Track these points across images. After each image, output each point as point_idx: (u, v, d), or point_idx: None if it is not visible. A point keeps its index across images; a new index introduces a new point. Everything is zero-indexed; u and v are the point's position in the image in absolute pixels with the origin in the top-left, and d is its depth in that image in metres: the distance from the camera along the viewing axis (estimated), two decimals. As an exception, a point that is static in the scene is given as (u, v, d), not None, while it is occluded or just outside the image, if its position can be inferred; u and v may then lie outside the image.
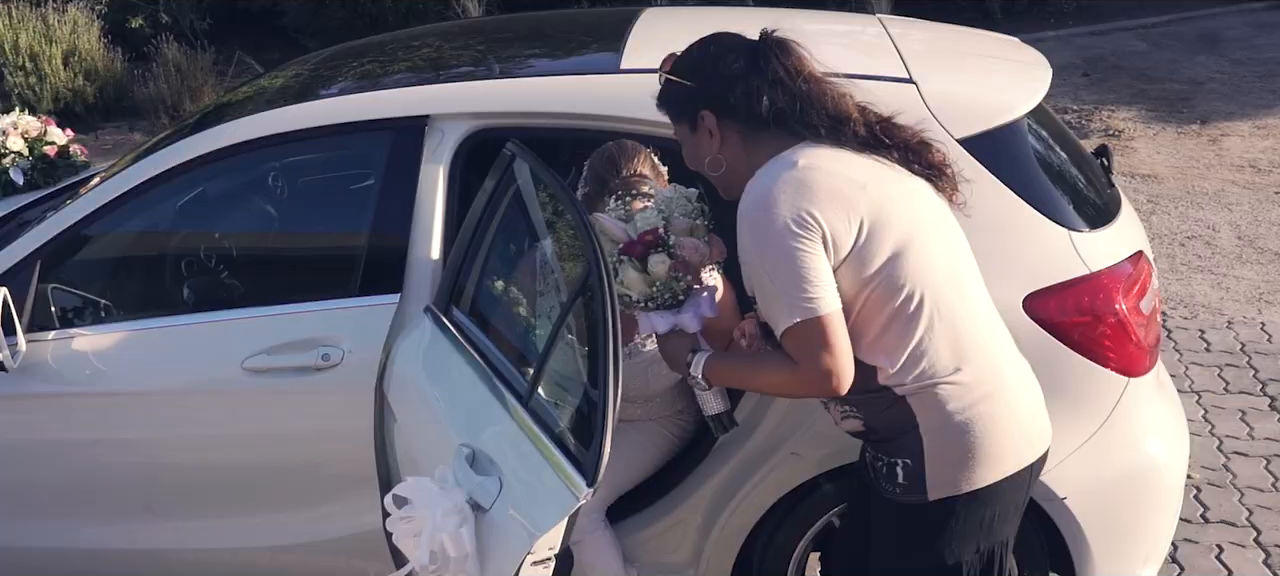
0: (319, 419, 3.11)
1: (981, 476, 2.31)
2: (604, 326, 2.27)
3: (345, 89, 3.45)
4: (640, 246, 2.46)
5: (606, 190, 2.91)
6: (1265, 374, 4.85)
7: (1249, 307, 5.45)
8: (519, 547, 2.26)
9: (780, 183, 2.23)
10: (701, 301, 2.50)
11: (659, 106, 2.53)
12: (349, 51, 3.98)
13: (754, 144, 2.35)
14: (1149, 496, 3.04)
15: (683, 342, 2.49)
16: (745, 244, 2.25)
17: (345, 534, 3.20)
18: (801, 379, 2.22)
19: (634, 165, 2.93)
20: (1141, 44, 10.10)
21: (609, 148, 3.01)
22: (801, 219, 2.18)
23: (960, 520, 2.35)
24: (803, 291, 2.17)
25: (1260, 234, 6.27)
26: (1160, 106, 8.48)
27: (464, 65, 3.66)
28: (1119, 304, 2.91)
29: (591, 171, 2.99)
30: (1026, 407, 2.38)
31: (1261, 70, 9.25)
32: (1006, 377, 2.36)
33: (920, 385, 2.28)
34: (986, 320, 2.38)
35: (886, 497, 2.40)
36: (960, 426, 2.28)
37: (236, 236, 3.45)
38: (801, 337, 2.19)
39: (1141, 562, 3.07)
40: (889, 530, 2.45)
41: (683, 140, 2.49)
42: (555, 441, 2.34)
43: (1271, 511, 3.98)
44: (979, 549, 2.40)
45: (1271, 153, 7.48)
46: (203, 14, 9.87)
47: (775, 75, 2.33)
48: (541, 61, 3.65)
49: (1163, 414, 3.13)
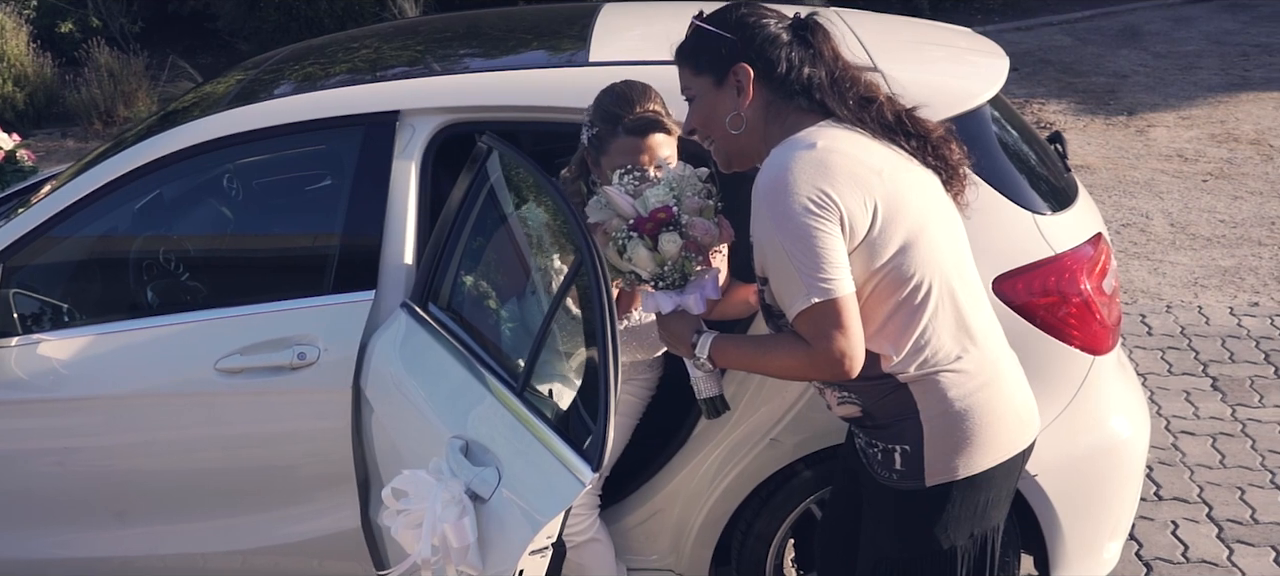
0: (295, 418, 3.07)
1: (978, 462, 2.33)
2: (601, 313, 2.28)
3: (308, 88, 3.41)
4: (652, 224, 2.40)
5: (620, 127, 2.78)
6: (1205, 355, 4.99)
7: (1186, 292, 5.60)
8: (523, 536, 2.26)
9: (800, 161, 2.20)
10: (706, 283, 2.45)
11: (679, 57, 2.44)
12: (303, 52, 3.94)
13: (774, 113, 2.33)
14: (1114, 472, 3.11)
15: (686, 323, 2.45)
16: (763, 221, 2.21)
17: (322, 534, 3.16)
18: (814, 361, 2.20)
19: (646, 102, 2.82)
20: (1067, 38, 10.33)
21: (617, 85, 2.89)
22: (822, 199, 2.16)
23: (957, 505, 2.36)
24: (821, 272, 2.15)
25: (1191, 220, 6.45)
26: (1088, 99, 8.68)
27: (427, 62, 3.64)
28: (1084, 284, 2.98)
29: (599, 110, 2.85)
30: (1020, 395, 2.41)
31: (1181, 62, 9.51)
32: (1002, 366, 2.38)
33: (923, 373, 2.29)
34: (984, 309, 2.40)
35: (882, 483, 2.40)
36: (960, 414, 2.30)
37: (206, 236, 3.39)
38: (817, 319, 2.17)
39: (1109, 536, 3.15)
40: (884, 516, 2.44)
41: (699, 94, 2.40)
42: (553, 429, 2.35)
43: (1221, 488, 4.10)
44: (973, 534, 2.41)
45: (1197, 142, 7.69)
46: (133, 18, 9.67)
47: (818, 49, 2.33)
48: (507, 56, 3.65)
49: (1125, 391, 3.22)
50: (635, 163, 2.70)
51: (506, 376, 2.56)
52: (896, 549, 2.44)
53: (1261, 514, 3.95)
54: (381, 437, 2.98)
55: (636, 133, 2.76)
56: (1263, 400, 4.63)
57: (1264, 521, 3.91)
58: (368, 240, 3.09)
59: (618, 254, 2.41)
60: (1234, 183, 6.97)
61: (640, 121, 2.77)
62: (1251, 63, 9.42)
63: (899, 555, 2.44)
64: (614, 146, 2.77)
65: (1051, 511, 3.02)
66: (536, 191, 2.81)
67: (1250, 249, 6.05)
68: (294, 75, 3.60)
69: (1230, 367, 4.88)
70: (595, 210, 2.49)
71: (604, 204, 2.46)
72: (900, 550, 2.43)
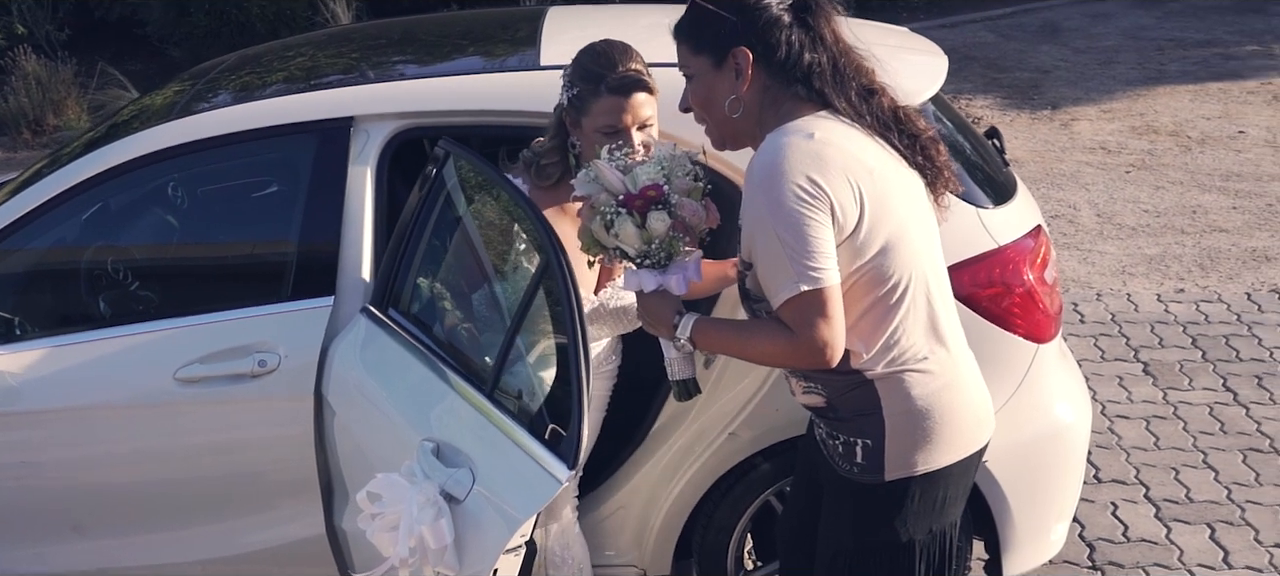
0: (257, 426, 3.07)
1: (937, 459, 2.36)
2: (570, 313, 2.32)
3: (260, 95, 3.41)
4: (641, 201, 2.35)
5: (602, 86, 2.73)
6: (1136, 341, 5.15)
7: (1115, 280, 5.77)
8: (500, 536, 2.29)
9: (797, 149, 2.19)
10: (689, 265, 2.43)
11: (677, 34, 2.39)
12: (245, 60, 3.92)
13: (772, 99, 2.31)
14: (1059, 456, 3.21)
15: (667, 304, 2.41)
16: (756, 205, 2.19)
17: (286, 541, 3.17)
18: (796, 349, 2.20)
19: (628, 61, 2.75)
20: (990, 35, 10.53)
21: (596, 44, 2.82)
22: (816, 189, 2.16)
23: (915, 500, 2.39)
24: (811, 260, 2.15)
25: (1117, 211, 6.63)
26: (1013, 95, 8.87)
27: (375, 68, 3.65)
28: (1026, 274, 3.08)
29: (579, 70, 2.78)
30: (979, 396, 2.45)
31: (1101, 57, 9.75)
32: (963, 368, 2.41)
33: (889, 371, 2.31)
34: (952, 312, 2.42)
35: (842, 476, 2.43)
36: (922, 412, 2.33)
37: (163, 246, 3.37)
38: (804, 307, 2.17)
39: (1056, 518, 3.25)
40: (844, 508, 2.47)
41: (697, 74, 2.36)
42: (526, 429, 2.38)
43: (1156, 469, 4.24)
44: (932, 530, 2.44)
45: (1118, 134, 7.90)
46: (60, 24, 9.49)
47: (819, 32, 2.29)
48: (457, 61, 3.67)
49: (1067, 378, 3.33)
50: (619, 123, 2.69)
51: (475, 378, 2.59)
52: (855, 540, 2.46)
53: (1196, 493, 4.10)
54: (345, 443, 2.99)
55: (620, 92, 2.72)
56: (1192, 383, 4.79)
57: (1198, 500, 4.06)
58: (325, 246, 3.11)
59: (604, 229, 2.38)
60: (1155, 173, 7.18)
61: (623, 80, 2.72)
62: (1166, 57, 9.69)
63: (858, 546, 2.46)
64: (596, 106, 2.73)
65: (1001, 496, 3.11)
66: (497, 194, 2.84)
67: (1174, 237, 6.24)
68: (238, 84, 3.59)
69: (1160, 353, 5.04)
70: (583, 183, 2.46)
71: (593, 178, 2.43)
72: (859, 542, 2.46)
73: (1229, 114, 8.19)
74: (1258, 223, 6.37)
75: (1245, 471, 4.20)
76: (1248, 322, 5.26)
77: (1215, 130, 7.87)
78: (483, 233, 2.87)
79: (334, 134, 3.14)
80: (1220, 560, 3.76)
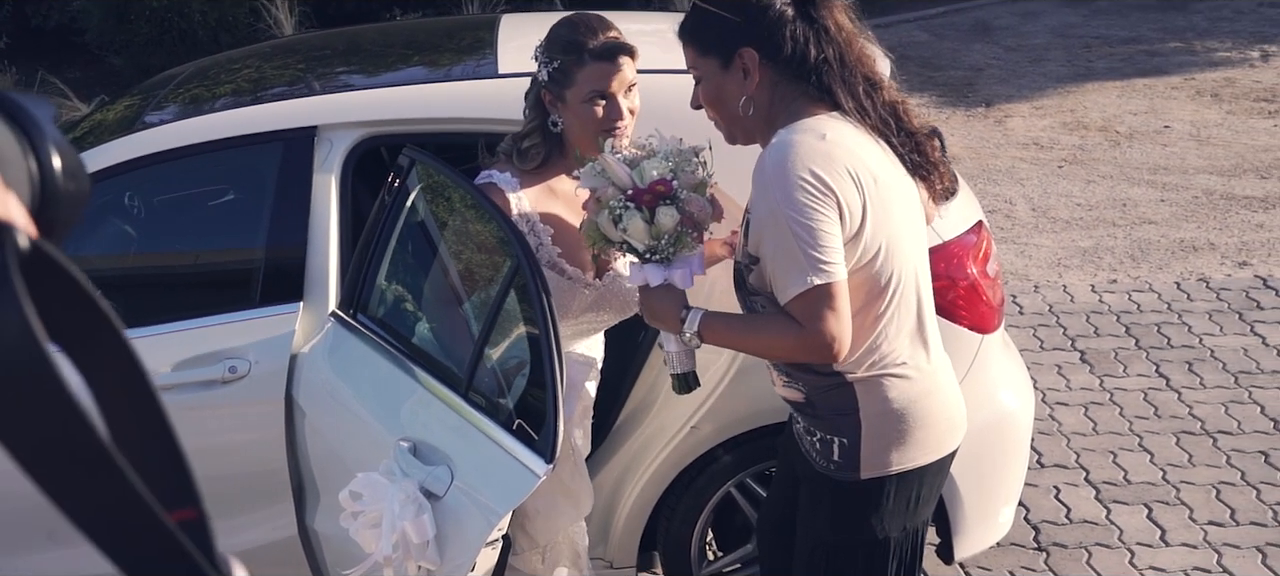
0: (229, 431, 3.13)
1: (911, 459, 2.41)
2: (541, 311, 2.40)
3: (220, 106, 3.46)
4: (650, 196, 2.35)
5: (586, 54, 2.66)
6: (1073, 331, 5.34)
7: (1051, 272, 5.96)
8: (479, 531, 2.38)
9: (809, 148, 2.21)
10: (693, 260, 2.43)
11: (683, 36, 2.40)
12: (197, 72, 3.96)
13: (780, 95, 2.32)
14: (1005, 442, 3.35)
15: (673, 298, 2.41)
16: (769, 200, 2.20)
17: (260, 543, 3.21)
18: (805, 343, 2.22)
19: (608, 30, 2.70)
20: (924, 34, 10.75)
21: (571, 16, 2.76)
22: (827, 187, 2.18)
23: (890, 498, 2.43)
24: (823, 255, 2.17)
25: (1051, 205, 6.83)
26: (948, 93, 9.08)
27: (336, 77, 3.72)
28: (970, 268, 3.21)
29: (557, 43, 2.71)
30: (954, 400, 2.50)
31: (1031, 55, 10.00)
32: (940, 374, 2.46)
33: (869, 374, 2.35)
34: (934, 316, 2.47)
35: (820, 472, 2.47)
36: (898, 414, 2.37)
37: (130, 256, 3.41)
38: (814, 301, 2.18)
39: (1003, 502, 3.39)
40: (821, 504, 2.51)
41: (705, 77, 2.38)
42: (502, 426, 2.46)
43: (1095, 453, 4.42)
44: (905, 527, 2.49)
45: (1050, 130, 8.13)
46: (-3, 33, 9.40)
47: (824, 24, 2.30)
48: (420, 71, 3.74)
49: (1011, 367, 3.47)
50: (607, 88, 2.66)
51: (449, 378, 2.67)
52: (832, 536, 2.51)
53: (1133, 475, 4.27)
54: (318, 445, 3.05)
55: (605, 57, 2.67)
56: (1126, 370, 4.98)
57: (1136, 481, 4.24)
58: (292, 253, 3.17)
59: (612, 223, 2.37)
60: (1087, 168, 7.39)
61: (607, 45, 2.68)
62: (1094, 54, 9.95)
63: (834, 542, 2.51)
64: (581, 75, 2.66)
65: (951, 481, 3.22)
66: (463, 199, 2.91)
67: (1105, 230, 6.45)
68: (195, 95, 3.64)
69: (1096, 341, 5.23)
70: (589, 177, 2.45)
71: (599, 172, 2.43)
72: (835, 537, 2.51)
73: (1155, 109, 8.45)
74: (1185, 215, 6.60)
75: (1179, 453, 4.39)
76: (1177, 311, 5.47)
77: (1142, 125, 8.12)
78: (449, 237, 2.94)
79: (298, 143, 3.20)
80: (1157, 538, 3.94)
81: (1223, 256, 6.04)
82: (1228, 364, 4.97)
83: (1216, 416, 4.60)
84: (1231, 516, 4.01)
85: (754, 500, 3.35)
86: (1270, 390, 4.76)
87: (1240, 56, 9.58)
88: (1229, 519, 4.00)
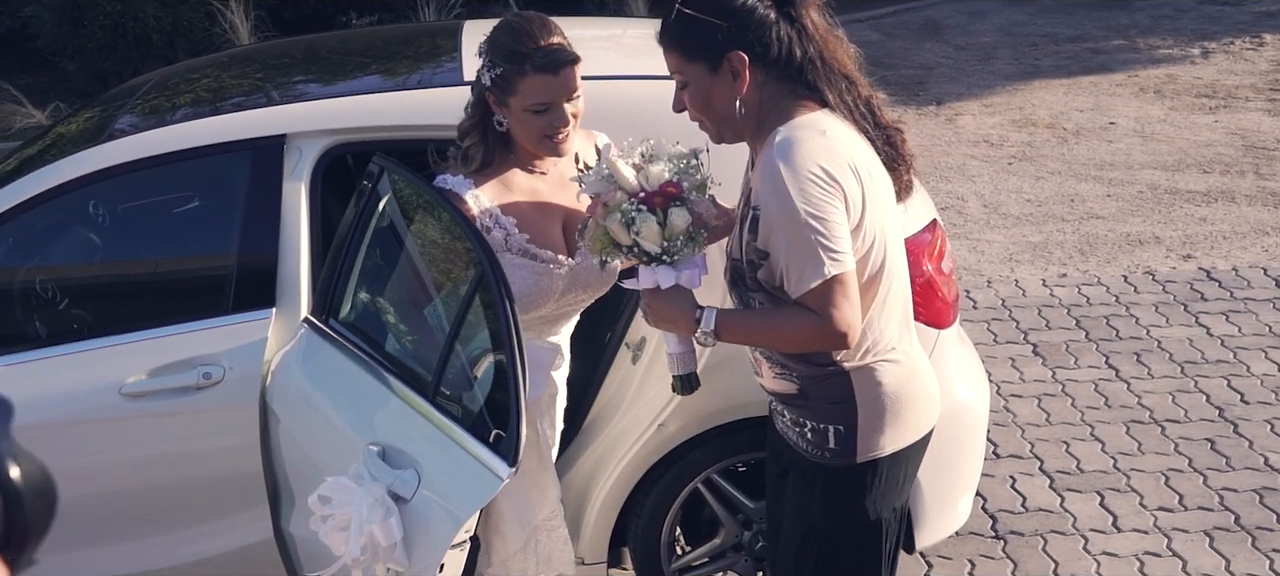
0: (204, 436, 3.17)
1: (902, 438, 2.50)
2: (504, 317, 2.45)
3: (191, 115, 3.49)
4: (661, 198, 2.38)
5: (528, 65, 2.64)
6: (1025, 325, 5.47)
7: (1003, 267, 6.09)
8: (445, 533, 2.44)
9: (814, 143, 2.27)
10: (700, 260, 2.47)
11: (665, 41, 2.42)
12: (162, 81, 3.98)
13: (769, 94, 2.37)
14: (963, 434, 3.45)
15: (684, 300, 2.43)
16: (780, 197, 2.24)
17: (235, 547, 3.26)
18: (822, 332, 2.27)
19: (551, 35, 2.67)
20: (875, 34, 10.88)
21: (511, 20, 2.73)
22: (834, 180, 2.24)
23: (883, 479, 2.51)
24: (837, 246, 2.23)
25: (1002, 201, 6.98)
26: (899, 91, 9.21)
27: (302, 85, 3.75)
28: (925, 265, 3.31)
29: (498, 49, 2.68)
30: (931, 380, 2.61)
31: (980, 54, 10.16)
32: (918, 355, 2.58)
33: (864, 361, 2.42)
34: (910, 303, 2.56)
35: (813, 461, 2.52)
36: (890, 397, 2.45)
37: (103, 265, 3.44)
38: (831, 291, 2.24)
39: (961, 492, 3.49)
40: (813, 491, 2.56)
41: (692, 81, 2.40)
42: (468, 430, 2.52)
43: (1049, 443, 4.54)
44: (894, 507, 2.57)
45: (1000, 128, 8.28)
46: (-53, 41, 9.29)
47: (803, 23, 2.35)
48: (386, 78, 3.79)
49: (966, 361, 3.58)
50: (552, 100, 2.66)
51: (416, 383, 2.72)
52: (825, 522, 2.57)
53: (1085, 464, 4.40)
54: (292, 450, 3.10)
55: (547, 69, 2.65)
56: (1077, 362, 5.11)
57: (1088, 470, 4.36)
58: (264, 259, 3.21)
59: (623, 227, 2.39)
60: (1036, 164, 7.55)
61: (550, 57, 2.65)
62: (1040, 52, 10.13)
63: (828, 528, 2.57)
64: (524, 86, 2.66)
65: (912, 473, 3.34)
66: (429, 206, 2.97)
67: (1055, 225, 6.59)
68: (161, 105, 3.67)
69: (1048, 334, 5.36)
70: (595, 183, 2.47)
71: (606, 177, 2.45)
72: (829, 523, 2.57)
73: (1100, 106, 8.63)
74: (1131, 210, 6.76)
75: (1129, 442, 4.52)
76: (1125, 304, 5.61)
77: (1088, 122, 8.29)
78: (419, 244, 2.99)
79: (268, 151, 3.24)
80: (1110, 525, 4.06)
81: (1168, 250, 6.20)
82: (1174, 354, 5.11)
83: (1164, 405, 4.74)
84: (1180, 502, 4.15)
85: (721, 495, 3.43)
86: (1215, 379, 4.91)
87: (1181, 54, 9.79)
88: (1178, 504, 4.14)
